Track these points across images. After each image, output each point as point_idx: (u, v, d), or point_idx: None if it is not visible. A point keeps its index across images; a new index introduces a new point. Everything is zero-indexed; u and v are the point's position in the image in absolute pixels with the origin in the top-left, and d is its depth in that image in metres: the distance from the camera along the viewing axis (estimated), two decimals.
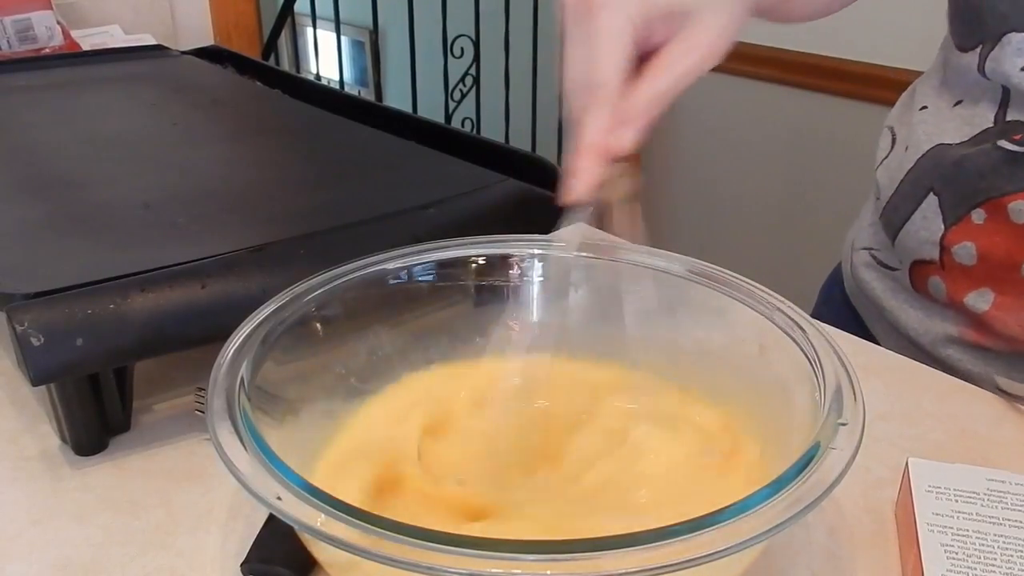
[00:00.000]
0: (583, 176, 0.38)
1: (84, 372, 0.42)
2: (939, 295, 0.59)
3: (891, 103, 0.68)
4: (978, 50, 0.55)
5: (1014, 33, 0.52)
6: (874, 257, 0.65)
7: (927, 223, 0.58)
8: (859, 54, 1.68)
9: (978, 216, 0.55)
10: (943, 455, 0.45)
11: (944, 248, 0.57)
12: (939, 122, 0.59)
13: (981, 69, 0.55)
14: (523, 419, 0.40)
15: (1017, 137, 0.52)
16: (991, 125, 0.55)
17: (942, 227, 0.57)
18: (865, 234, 0.67)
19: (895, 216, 0.61)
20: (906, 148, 0.61)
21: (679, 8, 0.39)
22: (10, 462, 0.44)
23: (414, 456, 0.38)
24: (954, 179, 0.56)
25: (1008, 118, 0.54)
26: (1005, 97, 0.54)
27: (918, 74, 0.67)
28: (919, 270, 0.60)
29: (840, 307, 0.70)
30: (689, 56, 0.39)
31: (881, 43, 1.63)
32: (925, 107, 0.61)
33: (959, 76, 0.58)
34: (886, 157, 0.64)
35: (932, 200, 0.57)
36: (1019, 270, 0.54)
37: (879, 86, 1.60)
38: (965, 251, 0.56)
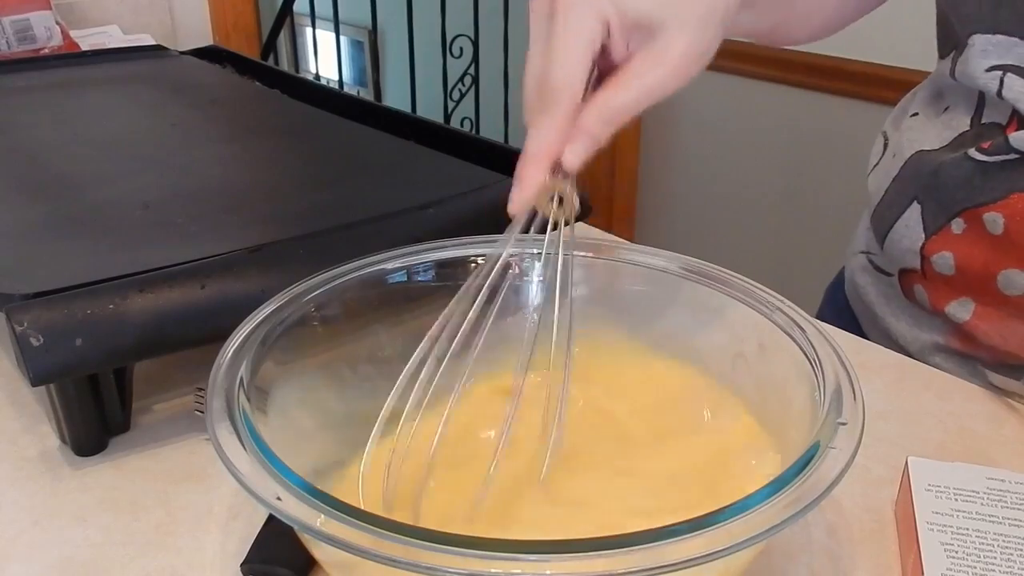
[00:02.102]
0: (525, 186, 0.36)
1: (83, 372, 0.42)
2: (924, 303, 0.59)
3: (892, 103, 0.68)
4: (951, 55, 0.55)
5: (977, 35, 0.52)
6: (871, 261, 0.65)
7: (909, 232, 0.57)
8: (860, 54, 1.68)
9: (957, 226, 0.54)
10: (943, 454, 0.45)
11: (924, 257, 0.56)
12: (924, 128, 0.58)
13: (952, 74, 0.55)
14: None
15: (986, 146, 0.52)
16: (967, 129, 0.54)
17: (923, 236, 0.56)
18: (863, 238, 0.67)
19: (881, 224, 0.60)
20: (893, 155, 0.61)
21: (648, 21, 0.37)
22: (10, 462, 0.44)
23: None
24: (934, 188, 0.55)
25: (984, 120, 0.54)
26: (980, 101, 0.54)
27: (918, 73, 0.67)
28: (906, 277, 0.60)
29: (842, 310, 0.70)
30: (653, 72, 0.36)
31: (882, 43, 1.63)
32: (916, 114, 0.61)
33: (943, 82, 0.58)
34: (877, 163, 0.64)
35: (915, 209, 0.57)
36: (995, 281, 0.53)
37: (880, 86, 1.60)
38: (944, 261, 0.55)
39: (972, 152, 0.52)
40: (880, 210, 0.60)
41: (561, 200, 0.37)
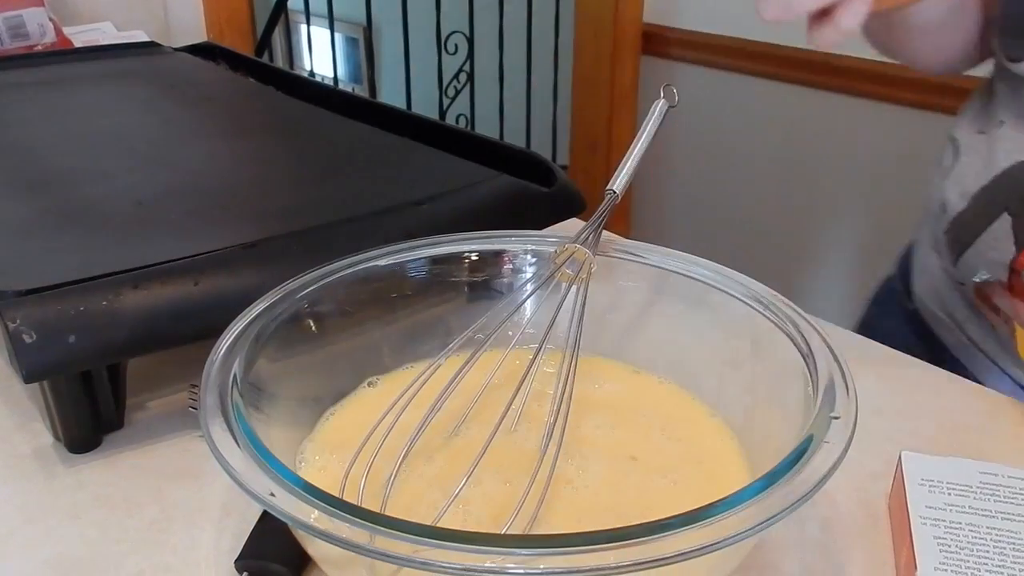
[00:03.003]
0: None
1: (77, 369, 0.41)
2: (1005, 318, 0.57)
3: (887, 99, 0.67)
4: None
5: None
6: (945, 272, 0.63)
7: (997, 244, 0.55)
8: (855, 51, 1.69)
9: None
10: (936, 448, 0.45)
11: (1014, 271, 0.55)
12: (1018, 136, 0.56)
13: None
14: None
15: None
16: None
17: (1013, 249, 0.54)
18: (929, 252, 0.64)
19: (964, 233, 0.58)
20: (985, 164, 0.58)
21: None
22: (3, 460, 0.44)
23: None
24: None
25: None
26: None
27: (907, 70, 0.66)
28: (984, 288, 0.58)
29: (902, 323, 0.68)
30: None
31: None
32: (1003, 122, 0.58)
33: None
34: (951, 171, 0.61)
35: (1005, 220, 0.55)
36: None
37: (876, 83, 1.60)
38: None
39: None
40: (964, 218, 0.58)
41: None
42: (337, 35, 2.20)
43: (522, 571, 0.26)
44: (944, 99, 1.16)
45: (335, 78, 2.39)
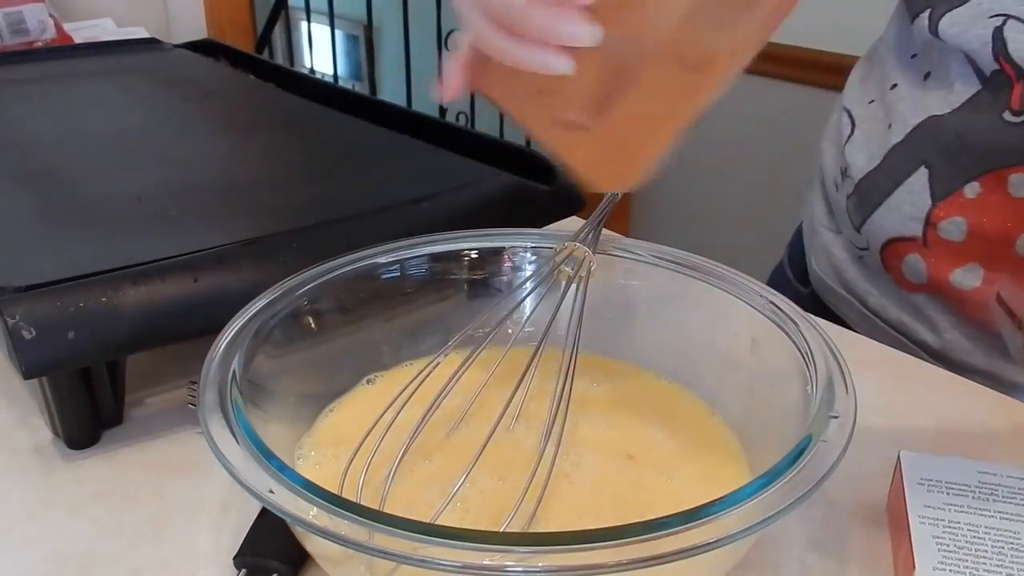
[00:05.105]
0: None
1: (76, 365, 0.41)
2: (914, 275, 0.58)
3: None
4: (926, 14, 0.54)
5: None
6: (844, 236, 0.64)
7: (912, 198, 0.56)
8: (847, 48, 1.69)
9: (971, 190, 0.54)
10: (935, 448, 0.45)
11: (930, 224, 0.56)
12: (919, 97, 0.57)
13: (934, 32, 0.54)
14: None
15: (1016, 107, 0.51)
16: (979, 88, 0.53)
17: (929, 202, 0.56)
18: (822, 213, 0.66)
19: (874, 193, 0.59)
20: (889, 125, 0.59)
21: None
22: (2, 455, 0.44)
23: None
24: (955, 151, 0.54)
25: (987, 73, 0.52)
26: (973, 63, 0.53)
27: None
28: (893, 249, 0.59)
29: (803, 298, 0.69)
30: None
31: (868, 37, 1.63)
32: (896, 84, 0.60)
33: (919, 46, 0.57)
34: (851, 135, 0.63)
35: (922, 174, 0.56)
36: (1014, 246, 0.53)
37: None
38: (954, 227, 0.55)
39: (1006, 115, 0.51)
40: (874, 177, 0.59)
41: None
42: (337, 32, 2.20)
43: (520, 569, 0.26)
44: None
45: (335, 75, 2.39)
